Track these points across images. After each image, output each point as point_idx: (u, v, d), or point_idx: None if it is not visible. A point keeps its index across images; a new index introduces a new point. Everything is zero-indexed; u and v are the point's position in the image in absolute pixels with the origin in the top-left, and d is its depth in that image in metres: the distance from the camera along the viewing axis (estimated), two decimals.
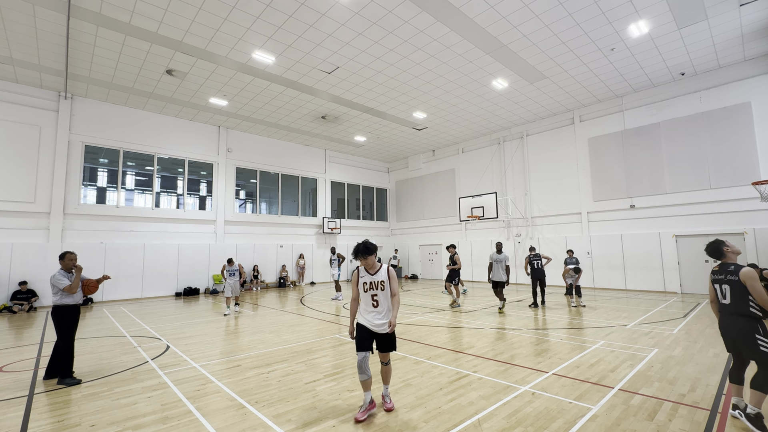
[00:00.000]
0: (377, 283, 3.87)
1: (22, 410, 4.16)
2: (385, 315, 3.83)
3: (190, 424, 3.70)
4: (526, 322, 8.67)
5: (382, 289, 3.86)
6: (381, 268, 3.94)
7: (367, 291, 3.88)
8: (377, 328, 3.80)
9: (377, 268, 3.94)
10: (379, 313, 3.83)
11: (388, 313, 3.85)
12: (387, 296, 3.87)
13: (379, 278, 3.88)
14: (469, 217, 17.57)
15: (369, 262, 3.90)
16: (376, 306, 3.84)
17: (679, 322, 8.26)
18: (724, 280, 3.67)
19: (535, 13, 9.53)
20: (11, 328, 9.13)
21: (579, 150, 16.02)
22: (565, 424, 3.54)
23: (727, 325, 3.62)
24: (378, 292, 3.86)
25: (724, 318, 3.66)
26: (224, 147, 17.49)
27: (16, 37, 10.06)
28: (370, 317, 3.83)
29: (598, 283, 15.06)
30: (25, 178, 12.59)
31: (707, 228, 12.73)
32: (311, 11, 9.25)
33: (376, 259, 4.00)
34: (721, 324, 3.71)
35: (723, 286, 3.68)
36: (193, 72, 12.17)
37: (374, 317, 3.83)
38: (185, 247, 15.79)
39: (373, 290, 3.87)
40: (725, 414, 3.73)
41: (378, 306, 3.85)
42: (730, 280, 3.61)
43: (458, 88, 13.73)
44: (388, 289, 3.89)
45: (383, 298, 3.86)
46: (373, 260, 3.91)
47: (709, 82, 12.84)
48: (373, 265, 3.92)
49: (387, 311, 3.85)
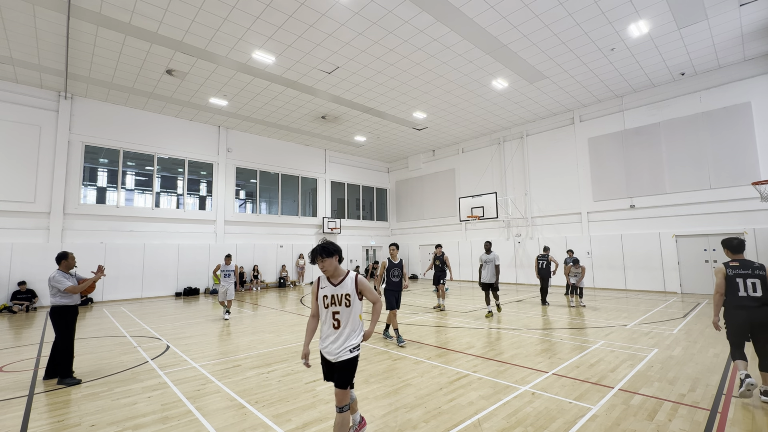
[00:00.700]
0: (340, 296, 2.95)
1: (22, 410, 4.16)
2: (345, 340, 2.93)
3: (190, 424, 3.70)
4: (526, 322, 8.68)
5: (347, 305, 2.94)
6: (347, 277, 2.99)
7: (327, 307, 2.98)
8: (331, 355, 2.93)
9: (341, 276, 3.01)
10: (340, 337, 2.94)
11: (350, 337, 2.95)
12: (353, 314, 2.96)
13: (344, 290, 2.96)
14: (469, 217, 17.57)
15: (328, 268, 2.97)
16: (337, 327, 2.95)
17: (679, 322, 8.26)
18: (752, 275, 4.01)
19: (535, 13, 9.53)
20: (11, 328, 9.14)
21: (579, 150, 16.02)
22: (565, 424, 3.54)
23: (757, 316, 3.92)
24: (341, 309, 2.95)
25: (752, 310, 3.95)
26: (224, 147, 17.49)
27: (16, 37, 10.06)
28: (328, 342, 2.96)
29: (598, 283, 15.06)
30: (25, 178, 12.60)
31: (707, 228, 12.73)
32: (311, 11, 9.25)
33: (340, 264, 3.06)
34: (745, 316, 3.97)
35: (751, 280, 4.00)
36: (193, 72, 12.17)
37: (332, 343, 2.94)
38: (185, 247, 15.79)
39: (334, 306, 2.96)
40: (725, 414, 3.73)
41: (339, 327, 2.95)
42: (759, 275, 3.99)
43: (458, 88, 13.73)
44: (356, 306, 2.98)
45: (347, 317, 2.95)
46: (333, 265, 2.98)
47: (709, 82, 12.84)
48: (335, 273, 3.01)
49: (349, 335, 2.94)
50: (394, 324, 6.81)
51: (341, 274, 3.03)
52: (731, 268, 4.14)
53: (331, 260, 2.97)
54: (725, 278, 4.15)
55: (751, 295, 3.98)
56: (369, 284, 3.06)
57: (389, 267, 7.03)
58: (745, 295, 4.00)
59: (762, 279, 3.97)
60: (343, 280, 3.00)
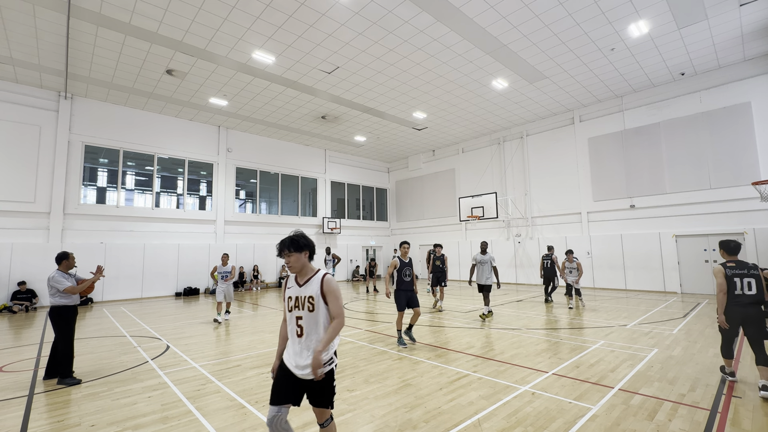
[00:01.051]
0: (304, 299, 2.54)
1: (22, 410, 4.16)
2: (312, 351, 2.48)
3: (190, 424, 3.70)
4: (526, 322, 8.68)
5: (310, 310, 2.51)
6: (314, 277, 2.59)
7: (291, 310, 2.59)
8: (301, 371, 2.44)
9: (309, 275, 2.61)
10: (306, 349, 2.49)
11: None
12: (319, 322, 2.52)
13: (308, 292, 2.54)
14: (469, 217, 17.58)
15: (294, 264, 2.58)
16: (300, 335, 2.52)
17: (679, 322, 8.26)
18: (748, 275, 4.38)
19: (535, 13, 9.53)
20: (11, 328, 9.14)
21: (579, 150, 16.02)
22: (565, 424, 3.54)
23: (751, 312, 4.30)
24: (303, 314, 2.53)
25: (746, 307, 4.31)
26: (224, 147, 17.49)
27: (16, 37, 10.06)
28: (292, 353, 2.53)
29: (598, 283, 15.06)
30: (25, 178, 12.60)
31: (707, 228, 12.73)
32: (311, 11, 9.25)
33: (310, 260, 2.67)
34: (740, 312, 4.32)
35: (747, 279, 4.36)
36: (193, 72, 12.17)
37: (297, 354, 2.50)
38: (185, 247, 15.79)
39: (298, 310, 2.55)
40: (725, 414, 3.73)
41: (302, 336, 2.52)
42: (754, 275, 4.36)
43: (458, 88, 13.73)
44: (322, 311, 2.52)
45: (311, 324, 2.51)
46: (301, 262, 2.58)
47: (709, 82, 12.84)
48: (302, 271, 2.61)
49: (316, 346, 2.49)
50: (398, 325, 6.64)
51: (309, 272, 2.63)
52: (729, 268, 4.46)
53: (299, 255, 2.57)
54: (725, 278, 4.43)
55: (746, 293, 4.33)
56: (337, 290, 2.57)
57: (400, 266, 6.65)
58: (741, 293, 4.35)
59: (756, 278, 4.34)
60: (309, 280, 2.59)
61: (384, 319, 9.43)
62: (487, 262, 9.08)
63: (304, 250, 2.60)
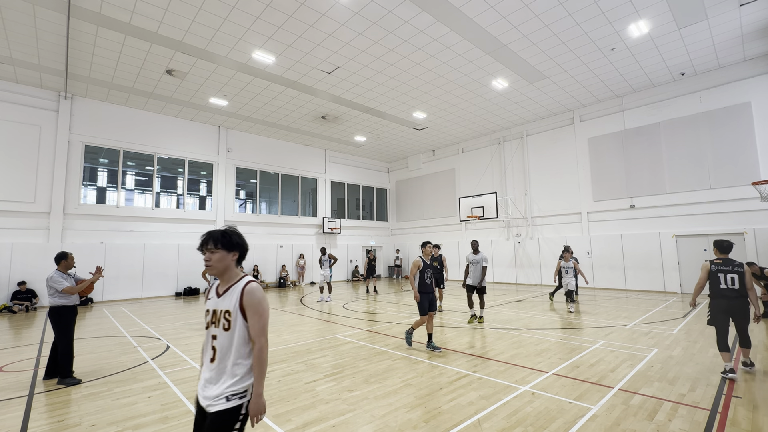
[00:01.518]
0: (221, 313, 2.01)
1: (22, 410, 4.16)
2: (225, 379, 1.93)
3: (190, 424, 3.70)
4: (526, 322, 8.68)
5: (226, 328, 1.98)
6: (235, 285, 2.04)
7: (208, 327, 2.05)
8: (207, 401, 1.92)
9: (231, 282, 2.06)
10: (217, 378, 1.95)
11: (233, 376, 1.93)
12: (235, 342, 1.96)
13: (225, 305, 2.01)
14: (469, 217, 17.57)
15: (215, 265, 2.03)
16: (213, 359, 1.98)
17: (679, 322, 8.26)
18: (731, 271, 4.84)
19: (535, 13, 9.53)
20: (11, 328, 9.14)
21: (579, 150, 16.02)
22: (565, 424, 3.54)
23: (735, 304, 4.79)
24: (218, 333, 1.99)
25: (731, 300, 4.79)
26: (224, 147, 17.49)
27: (16, 37, 10.06)
28: (202, 380, 2.00)
29: (598, 283, 15.05)
30: (25, 178, 12.60)
31: (707, 228, 12.73)
32: (311, 11, 9.25)
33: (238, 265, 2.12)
34: (726, 304, 4.82)
35: (731, 275, 4.82)
36: (193, 72, 12.17)
37: (207, 382, 1.97)
38: (185, 247, 15.79)
39: (214, 327, 2.02)
40: (725, 414, 3.73)
41: (215, 360, 1.97)
42: (738, 271, 4.81)
43: (458, 88, 13.73)
44: (238, 331, 1.98)
45: (226, 346, 1.97)
46: (223, 264, 2.04)
47: (709, 82, 12.84)
48: (225, 277, 2.08)
49: (230, 373, 1.93)
50: (416, 326, 6.35)
51: (232, 279, 2.07)
52: (715, 264, 4.98)
53: (224, 255, 2.03)
54: (708, 273, 5.01)
55: (730, 287, 4.82)
56: (261, 303, 1.99)
57: (423, 268, 6.34)
58: (725, 287, 4.85)
59: (740, 275, 4.79)
60: (230, 290, 2.04)
61: (384, 319, 9.43)
62: (479, 262, 8.60)
63: (234, 250, 2.08)
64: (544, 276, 16.73)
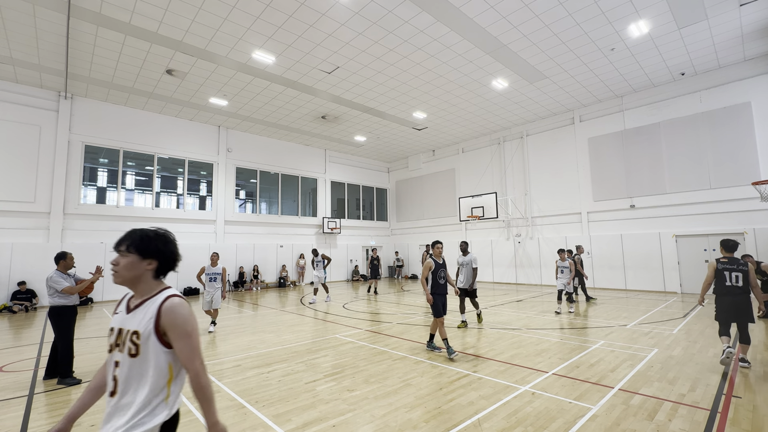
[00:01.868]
0: (126, 334, 1.59)
1: (22, 410, 4.16)
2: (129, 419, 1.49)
3: (190, 424, 3.70)
4: (526, 321, 8.68)
5: (132, 354, 1.56)
6: (149, 300, 1.64)
7: (111, 350, 1.63)
8: None
9: (147, 296, 1.66)
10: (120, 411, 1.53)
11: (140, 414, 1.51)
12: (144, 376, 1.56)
13: (132, 325, 1.60)
14: (469, 217, 17.57)
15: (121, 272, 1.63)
16: (113, 393, 1.56)
17: (679, 322, 8.26)
18: (736, 269, 5.08)
19: (535, 13, 9.53)
20: (11, 328, 9.14)
21: (579, 150, 16.02)
22: (565, 424, 3.54)
23: (739, 301, 5.01)
24: (121, 359, 1.57)
25: (736, 296, 5.03)
26: (224, 147, 17.49)
27: (16, 37, 10.06)
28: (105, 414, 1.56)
29: (598, 283, 15.05)
30: (25, 178, 12.59)
31: (707, 228, 12.73)
32: (311, 11, 9.25)
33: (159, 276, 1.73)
34: (730, 301, 5.05)
35: (735, 273, 5.06)
36: (193, 72, 12.17)
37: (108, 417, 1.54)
38: (185, 247, 15.76)
39: (117, 351, 1.60)
40: (725, 414, 3.73)
41: (116, 394, 1.55)
42: (742, 270, 5.05)
43: (458, 88, 13.73)
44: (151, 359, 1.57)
45: (131, 377, 1.55)
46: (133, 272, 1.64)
47: (709, 82, 12.84)
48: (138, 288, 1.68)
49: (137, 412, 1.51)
50: (442, 333, 5.99)
51: (147, 292, 1.67)
52: (721, 263, 5.20)
53: (132, 260, 1.62)
54: (715, 271, 5.22)
55: (734, 285, 5.06)
56: (187, 322, 1.63)
57: (435, 268, 6.13)
58: (730, 285, 5.08)
59: (744, 273, 5.04)
60: (142, 305, 1.63)
61: (384, 319, 9.43)
62: (468, 264, 8.31)
63: (151, 258, 1.65)
64: (544, 276, 16.73)
